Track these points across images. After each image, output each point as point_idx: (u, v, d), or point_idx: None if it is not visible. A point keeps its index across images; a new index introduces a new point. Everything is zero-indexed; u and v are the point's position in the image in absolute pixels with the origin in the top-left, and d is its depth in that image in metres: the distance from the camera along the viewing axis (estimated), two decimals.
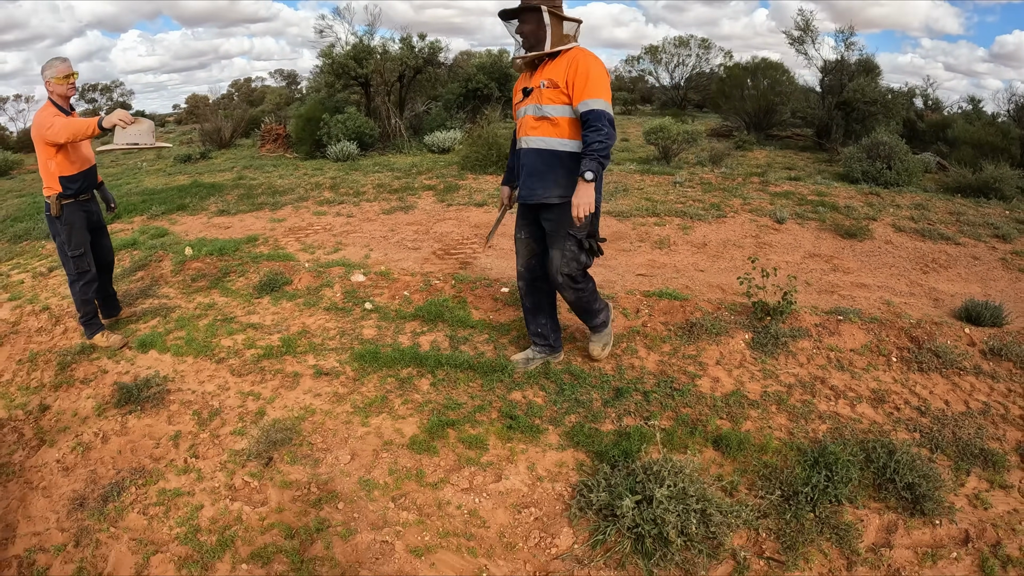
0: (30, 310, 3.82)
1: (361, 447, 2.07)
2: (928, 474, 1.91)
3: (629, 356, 2.62)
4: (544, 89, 2.06)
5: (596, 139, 1.94)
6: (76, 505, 2.01)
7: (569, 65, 2.01)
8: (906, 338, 2.90)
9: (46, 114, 2.64)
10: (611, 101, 2.05)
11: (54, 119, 2.59)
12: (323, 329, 3.09)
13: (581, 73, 1.99)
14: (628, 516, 1.50)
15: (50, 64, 2.68)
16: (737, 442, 1.99)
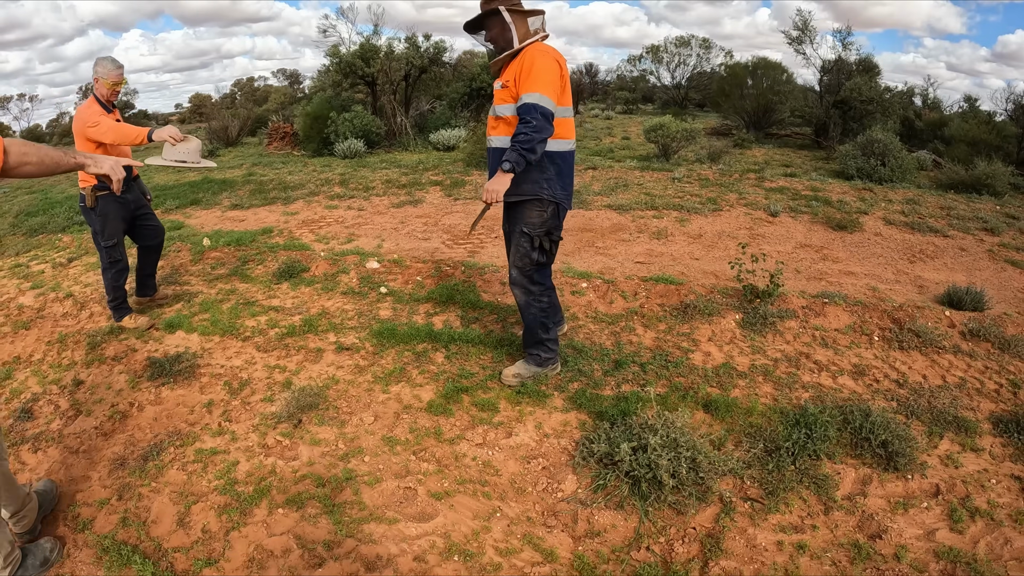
0: (54, 297, 4.01)
1: (383, 410, 2.28)
2: (902, 434, 2.08)
3: (627, 334, 2.82)
4: (498, 90, 2.09)
5: (521, 131, 1.93)
6: (117, 465, 2.16)
7: (519, 63, 2.02)
8: (888, 319, 3.09)
9: (91, 111, 2.73)
10: (554, 94, 1.98)
11: (100, 118, 2.70)
12: (342, 311, 3.30)
13: (524, 69, 1.98)
14: (626, 461, 1.70)
15: (105, 63, 2.76)
16: (725, 406, 2.19)
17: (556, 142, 2.12)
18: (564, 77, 2.07)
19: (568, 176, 2.20)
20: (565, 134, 2.15)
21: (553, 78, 2.00)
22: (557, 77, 2.02)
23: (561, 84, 2.05)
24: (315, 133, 9.08)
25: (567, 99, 2.13)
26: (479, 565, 1.59)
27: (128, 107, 29.86)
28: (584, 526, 1.68)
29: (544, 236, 2.20)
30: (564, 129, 2.13)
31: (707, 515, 1.74)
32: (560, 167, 2.16)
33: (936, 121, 10.31)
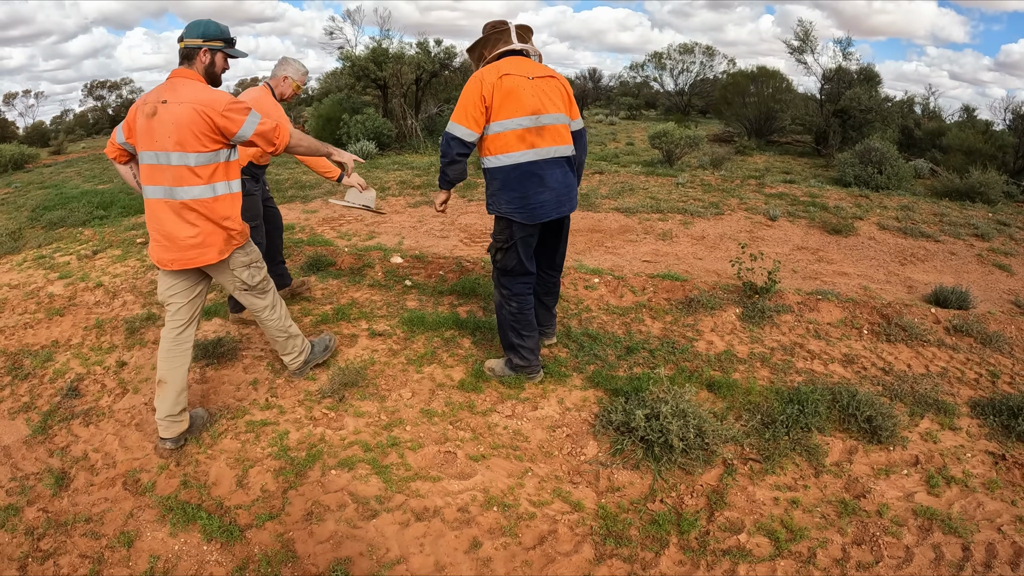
0: (84, 287, 4.19)
1: (419, 387, 2.54)
2: (885, 411, 2.32)
3: (637, 324, 3.10)
4: None
5: None
6: None
7: None
8: (878, 315, 3.36)
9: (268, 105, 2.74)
10: (464, 118, 2.09)
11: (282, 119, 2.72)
12: (370, 301, 3.56)
13: None
14: (640, 427, 1.97)
15: (297, 66, 2.92)
16: (727, 386, 2.47)
17: (490, 159, 2.16)
18: (488, 94, 2.07)
19: (517, 189, 2.13)
20: (500, 148, 2.13)
21: (464, 103, 2.09)
22: (473, 100, 2.07)
23: (482, 104, 2.07)
24: (327, 134, 9.37)
25: (502, 112, 2.09)
26: (516, 514, 1.85)
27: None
28: (605, 483, 1.95)
29: (499, 247, 2.25)
30: (498, 143, 2.12)
31: (712, 475, 2.01)
32: (503, 181, 2.15)
33: (935, 130, 10.62)
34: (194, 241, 2.03)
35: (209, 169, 1.99)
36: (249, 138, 2.00)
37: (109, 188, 8.23)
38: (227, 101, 1.96)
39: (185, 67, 2.05)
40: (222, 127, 1.94)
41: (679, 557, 1.71)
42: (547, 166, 2.16)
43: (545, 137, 2.16)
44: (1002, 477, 2.10)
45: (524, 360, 2.43)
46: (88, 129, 28.35)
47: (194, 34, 2.03)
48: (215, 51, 2.06)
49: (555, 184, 2.18)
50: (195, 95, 1.94)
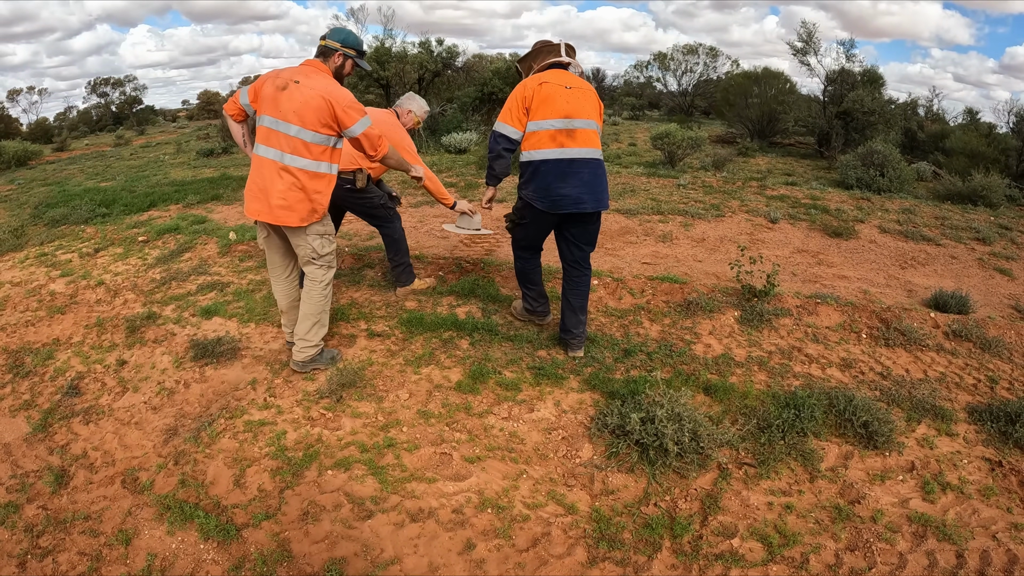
0: (85, 284, 4.22)
1: (416, 388, 2.55)
2: (882, 417, 2.32)
3: (635, 326, 3.10)
4: None
5: None
6: (169, 435, 2.34)
7: None
8: (876, 319, 3.35)
9: (389, 123, 3.10)
10: (509, 118, 2.47)
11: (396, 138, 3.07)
12: (370, 301, 3.57)
13: None
14: (636, 431, 1.98)
15: (422, 102, 3.34)
16: (723, 389, 2.47)
17: (525, 153, 2.50)
18: (529, 98, 2.42)
19: (543, 180, 2.45)
20: (534, 145, 2.45)
21: (509, 105, 2.47)
22: (516, 102, 2.44)
23: (523, 105, 2.43)
24: None
25: (538, 114, 2.42)
26: (510, 516, 1.86)
27: (136, 102, 30.15)
28: (600, 486, 1.96)
29: (514, 222, 2.71)
30: (533, 140, 2.45)
31: (706, 479, 2.01)
32: (532, 172, 2.48)
33: (938, 133, 10.59)
34: (284, 203, 2.33)
35: (319, 148, 2.32)
36: (357, 136, 2.34)
37: (111, 186, 8.28)
38: (350, 99, 2.32)
39: (320, 61, 2.39)
40: (340, 119, 2.28)
41: (672, 561, 1.71)
42: (574, 165, 2.43)
43: (576, 139, 2.44)
44: (998, 484, 2.09)
45: (530, 305, 2.97)
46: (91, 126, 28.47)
47: (336, 38, 2.39)
48: (348, 57, 2.41)
49: (579, 182, 2.44)
50: (325, 86, 2.29)
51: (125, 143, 18.80)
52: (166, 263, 4.56)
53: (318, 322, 2.64)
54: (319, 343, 2.69)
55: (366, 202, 3.27)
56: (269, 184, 2.33)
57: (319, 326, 2.65)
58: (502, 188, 6.57)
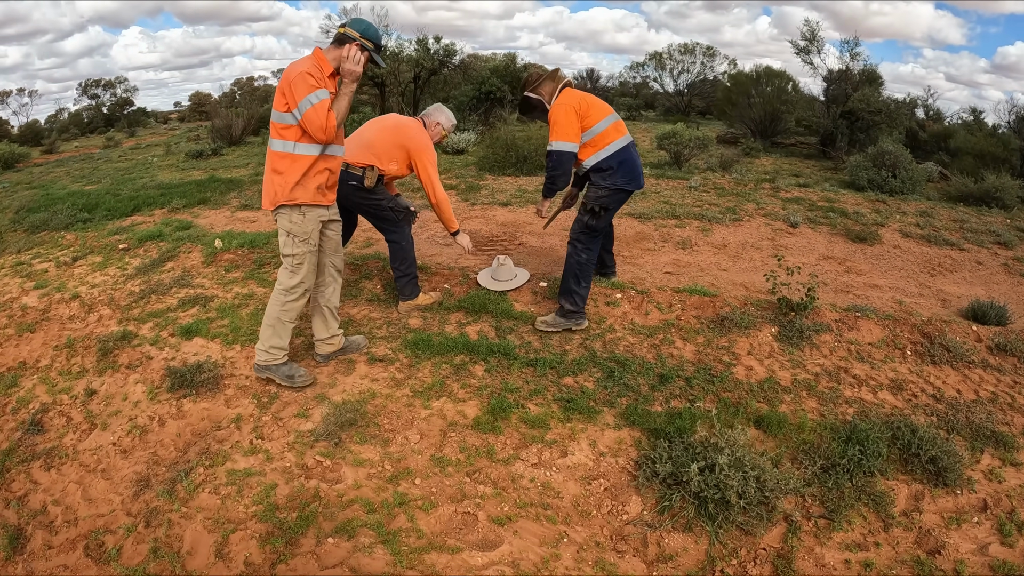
0: (59, 298, 3.89)
1: (427, 428, 2.22)
2: (948, 450, 2.13)
3: (667, 346, 2.81)
4: None
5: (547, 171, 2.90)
6: (141, 487, 2.00)
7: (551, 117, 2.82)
8: (919, 334, 3.11)
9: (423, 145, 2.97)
10: (570, 135, 2.72)
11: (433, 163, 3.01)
12: (369, 319, 3.25)
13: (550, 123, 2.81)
14: (694, 482, 1.69)
15: (448, 115, 3.22)
16: (777, 422, 2.19)
17: (599, 153, 2.78)
18: (581, 108, 2.72)
19: (628, 164, 2.79)
20: (605, 141, 2.77)
21: (564, 125, 2.71)
22: (570, 120, 2.70)
23: (578, 117, 2.71)
24: None
25: (594, 118, 2.75)
26: None
27: (127, 104, 29.63)
28: (655, 550, 1.66)
29: (603, 207, 2.80)
30: (602, 140, 2.77)
31: (775, 535, 1.73)
32: (618, 163, 2.77)
33: (940, 132, 10.45)
34: (264, 185, 2.36)
35: (281, 126, 2.23)
36: (299, 120, 2.17)
37: (96, 189, 7.87)
38: (300, 74, 2.14)
39: (329, 48, 2.28)
40: (286, 94, 2.17)
41: None
42: (632, 148, 2.87)
43: (620, 129, 2.84)
44: None
45: (575, 305, 2.90)
46: (82, 128, 28.06)
47: (356, 28, 2.28)
48: (364, 49, 2.25)
49: (639, 160, 2.92)
50: (295, 63, 2.21)
51: (115, 145, 18.29)
52: (146, 274, 4.22)
53: (272, 329, 2.47)
54: (270, 351, 2.52)
55: (373, 203, 3.00)
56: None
57: (271, 331, 2.48)
58: (505, 190, 6.27)
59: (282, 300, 2.44)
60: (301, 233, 2.34)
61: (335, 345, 2.74)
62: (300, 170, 2.27)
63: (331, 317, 2.70)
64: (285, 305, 2.44)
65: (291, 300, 2.44)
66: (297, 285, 2.42)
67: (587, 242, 2.86)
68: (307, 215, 2.34)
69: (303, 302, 2.48)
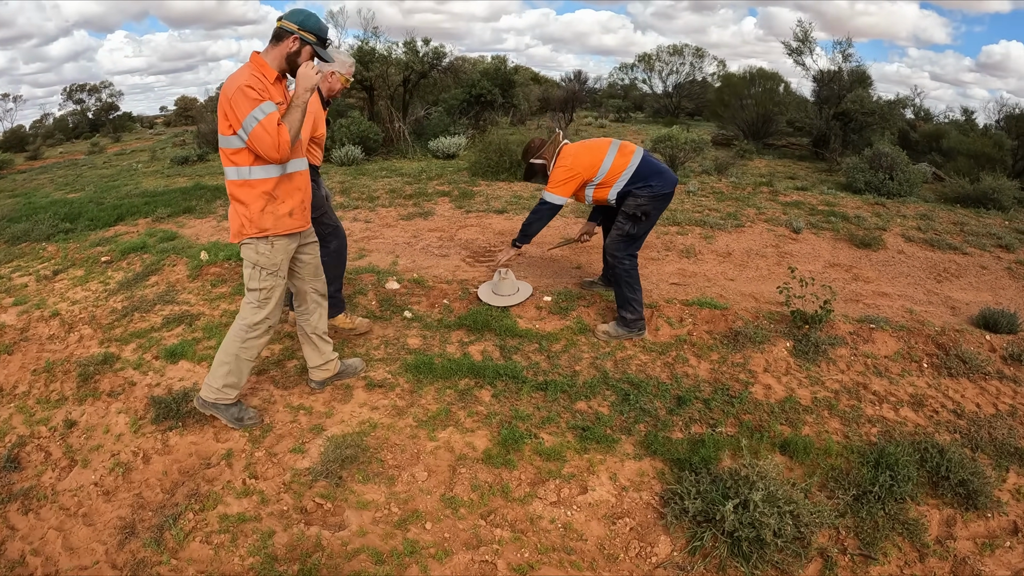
0: (39, 316, 3.72)
1: (435, 463, 2.09)
2: (977, 471, 2.08)
3: (681, 365, 2.72)
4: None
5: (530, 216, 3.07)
6: (126, 534, 1.87)
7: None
8: (933, 345, 3.06)
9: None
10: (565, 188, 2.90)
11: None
12: (364, 339, 3.11)
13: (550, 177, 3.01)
14: (728, 520, 1.59)
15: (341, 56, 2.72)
16: (803, 447, 2.11)
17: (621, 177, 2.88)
18: (576, 165, 2.86)
19: (655, 172, 2.88)
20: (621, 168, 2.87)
21: (564, 178, 2.88)
22: (567, 177, 2.88)
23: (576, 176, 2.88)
24: None
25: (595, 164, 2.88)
26: None
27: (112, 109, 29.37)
28: None
29: (645, 212, 2.86)
30: (616, 170, 2.88)
31: (811, 572, 1.64)
32: (646, 177, 2.85)
33: (932, 132, 10.58)
34: (229, 217, 2.15)
35: (230, 151, 2.00)
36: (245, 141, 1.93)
37: (79, 197, 7.64)
38: (239, 87, 1.89)
39: (268, 47, 2.02)
40: (228, 114, 1.92)
41: None
42: (648, 157, 2.94)
43: (627, 151, 2.93)
44: None
45: (635, 313, 2.92)
46: (67, 133, 27.74)
47: (294, 19, 1.99)
48: (305, 43, 1.99)
49: (660, 163, 2.99)
50: (232, 76, 1.95)
51: (99, 151, 17.94)
52: (129, 289, 4.05)
53: (228, 368, 2.22)
54: (223, 390, 2.27)
55: None
56: None
57: (226, 368, 2.22)
58: (499, 197, 6.16)
59: (243, 336, 2.19)
60: (270, 265, 2.12)
61: (330, 371, 2.58)
62: (263, 197, 2.03)
63: (322, 342, 2.53)
64: (246, 342, 2.19)
65: (253, 337, 2.20)
66: (261, 321, 2.18)
67: (626, 249, 2.90)
68: (276, 245, 2.11)
69: (266, 340, 2.25)
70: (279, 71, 2.00)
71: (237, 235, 2.10)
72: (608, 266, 2.98)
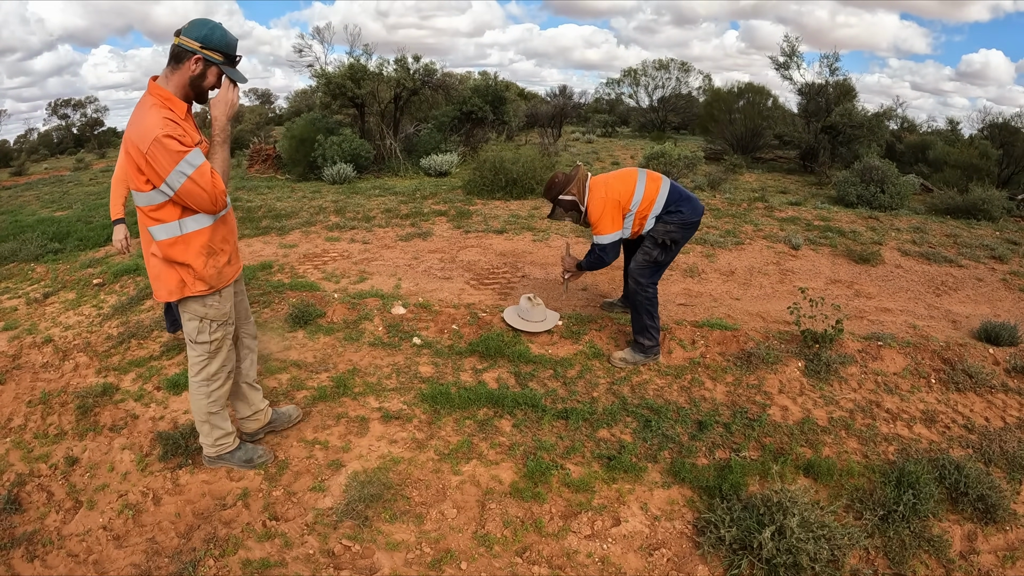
0: (31, 342, 3.65)
1: (462, 498, 2.10)
2: (994, 486, 2.19)
3: (698, 388, 2.79)
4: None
5: (589, 258, 3.12)
6: None
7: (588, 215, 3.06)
8: (939, 360, 3.19)
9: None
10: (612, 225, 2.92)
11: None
12: (375, 367, 3.12)
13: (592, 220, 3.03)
14: (767, 547, 1.64)
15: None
16: (826, 469, 2.19)
17: (655, 207, 2.92)
18: (611, 195, 2.88)
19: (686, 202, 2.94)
20: (653, 196, 2.93)
21: (608, 213, 2.89)
22: (611, 210, 2.89)
23: (617, 206, 2.90)
24: (301, 156, 8.88)
25: (628, 194, 2.91)
26: None
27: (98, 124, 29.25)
28: None
29: (674, 240, 2.94)
30: (649, 199, 2.92)
31: None
32: (675, 204, 2.92)
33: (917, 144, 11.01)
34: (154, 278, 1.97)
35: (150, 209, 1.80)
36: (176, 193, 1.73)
37: (66, 216, 7.53)
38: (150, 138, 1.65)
39: (166, 71, 1.75)
40: (143, 169, 1.70)
41: None
42: (675, 184, 3.02)
43: (656, 177, 3.00)
44: None
45: (652, 339, 2.98)
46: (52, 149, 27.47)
47: (193, 34, 1.72)
48: (210, 63, 1.75)
49: (686, 190, 3.07)
50: (134, 120, 1.71)
51: (85, 167, 17.73)
52: (124, 314, 4.00)
53: (209, 425, 2.20)
54: (218, 443, 2.25)
55: None
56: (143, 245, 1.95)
57: (208, 426, 2.21)
58: (497, 216, 6.24)
59: (206, 392, 2.11)
60: (220, 316, 2.01)
61: (260, 421, 2.45)
62: (201, 250, 1.85)
63: (251, 391, 2.39)
64: (211, 396, 2.13)
65: (216, 388, 2.13)
66: (218, 371, 2.11)
67: (651, 276, 2.96)
68: (223, 294, 1.99)
69: (231, 383, 2.19)
70: (185, 100, 1.76)
71: (176, 293, 1.91)
72: (630, 291, 3.01)
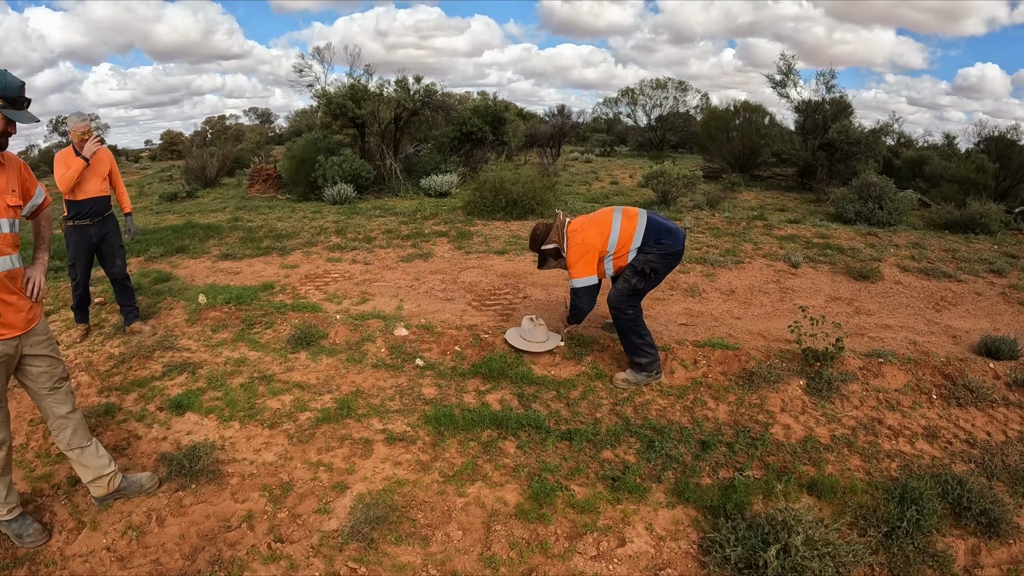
0: None
1: (468, 520, 2.14)
2: (997, 500, 2.23)
3: (700, 408, 2.85)
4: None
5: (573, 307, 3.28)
6: None
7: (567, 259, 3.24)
8: (940, 376, 3.24)
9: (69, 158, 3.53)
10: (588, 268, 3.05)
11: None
12: (378, 388, 3.17)
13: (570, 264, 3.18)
14: (772, 566, 1.68)
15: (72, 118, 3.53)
16: (830, 487, 2.23)
17: (633, 243, 3.00)
18: (588, 241, 3.02)
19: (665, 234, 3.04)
20: (631, 233, 3.03)
21: (583, 259, 3.02)
22: (586, 255, 3.01)
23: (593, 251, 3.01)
24: (301, 176, 9.05)
25: (604, 235, 3.03)
26: None
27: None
28: None
29: (653, 269, 3.04)
30: (624, 243, 3.02)
31: None
32: (655, 237, 3.02)
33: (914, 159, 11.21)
34: None
35: None
36: None
37: (61, 233, 7.60)
38: None
39: None
40: None
41: None
42: (654, 216, 3.13)
43: (632, 214, 3.09)
44: None
45: (648, 355, 3.06)
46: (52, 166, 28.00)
47: None
48: None
49: (666, 220, 3.17)
50: None
51: None
52: (126, 334, 4.04)
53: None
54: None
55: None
56: None
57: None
58: (498, 237, 6.34)
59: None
60: None
61: (104, 487, 2.32)
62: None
63: (90, 455, 2.27)
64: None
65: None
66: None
67: (630, 302, 3.04)
68: None
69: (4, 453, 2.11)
70: None
71: None
72: (612, 315, 3.12)
